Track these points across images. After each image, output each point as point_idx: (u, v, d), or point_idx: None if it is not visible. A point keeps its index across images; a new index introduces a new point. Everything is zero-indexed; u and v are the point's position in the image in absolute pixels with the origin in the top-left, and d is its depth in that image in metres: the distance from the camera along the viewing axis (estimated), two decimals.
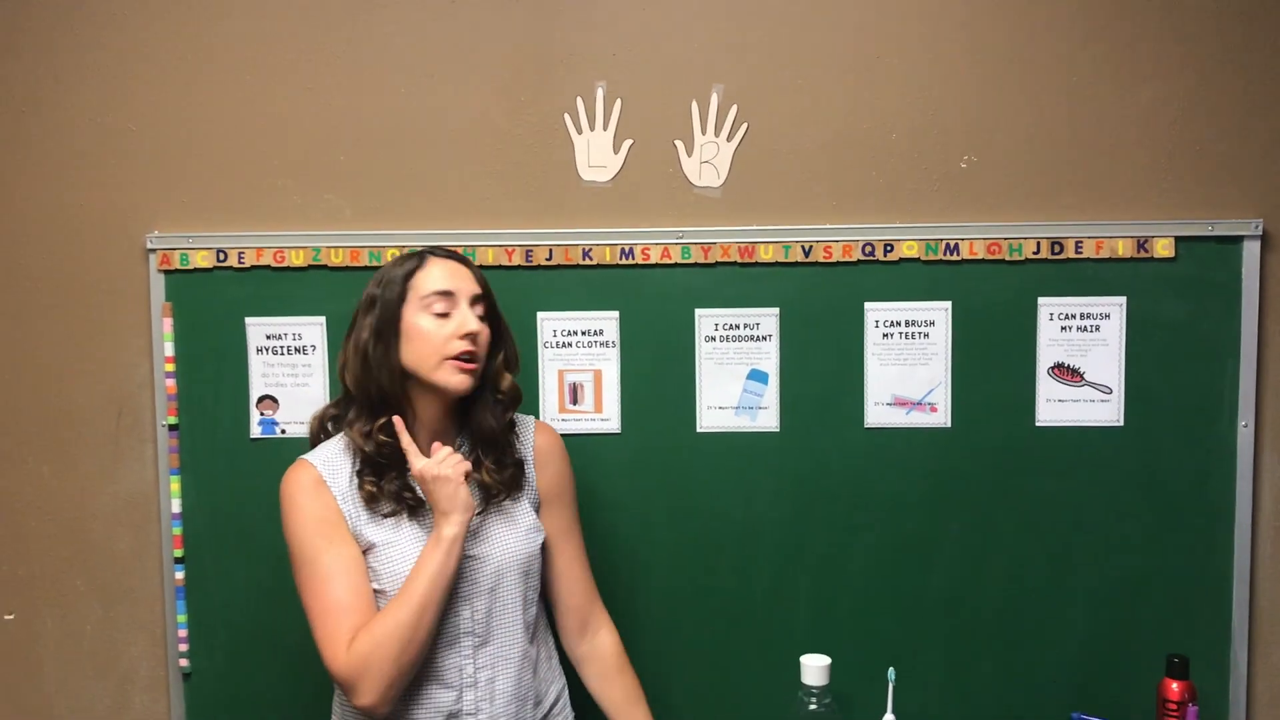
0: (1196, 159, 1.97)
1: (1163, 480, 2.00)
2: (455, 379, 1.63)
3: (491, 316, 1.69)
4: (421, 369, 1.63)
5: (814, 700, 1.83)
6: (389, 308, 1.64)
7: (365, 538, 1.64)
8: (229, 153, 2.06)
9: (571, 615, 1.80)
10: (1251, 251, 1.96)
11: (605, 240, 2.01)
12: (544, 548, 1.75)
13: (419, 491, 1.65)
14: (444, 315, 1.63)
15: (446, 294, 1.63)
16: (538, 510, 1.76)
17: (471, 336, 1.63)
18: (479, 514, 1.66)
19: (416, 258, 1.68)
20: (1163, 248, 1.96)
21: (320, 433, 1.75)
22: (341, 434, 1.70)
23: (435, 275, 1.65)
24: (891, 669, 1.88)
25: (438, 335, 1.62)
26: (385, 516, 1.65)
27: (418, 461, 1.60)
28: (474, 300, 1.66)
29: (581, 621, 1.80)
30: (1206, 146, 1.97)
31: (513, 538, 1.69)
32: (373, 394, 1.65)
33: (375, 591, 1.63)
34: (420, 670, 1.61)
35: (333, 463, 1.68)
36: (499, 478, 1.69)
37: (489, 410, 1.70)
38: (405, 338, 1.64)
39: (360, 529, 1.64)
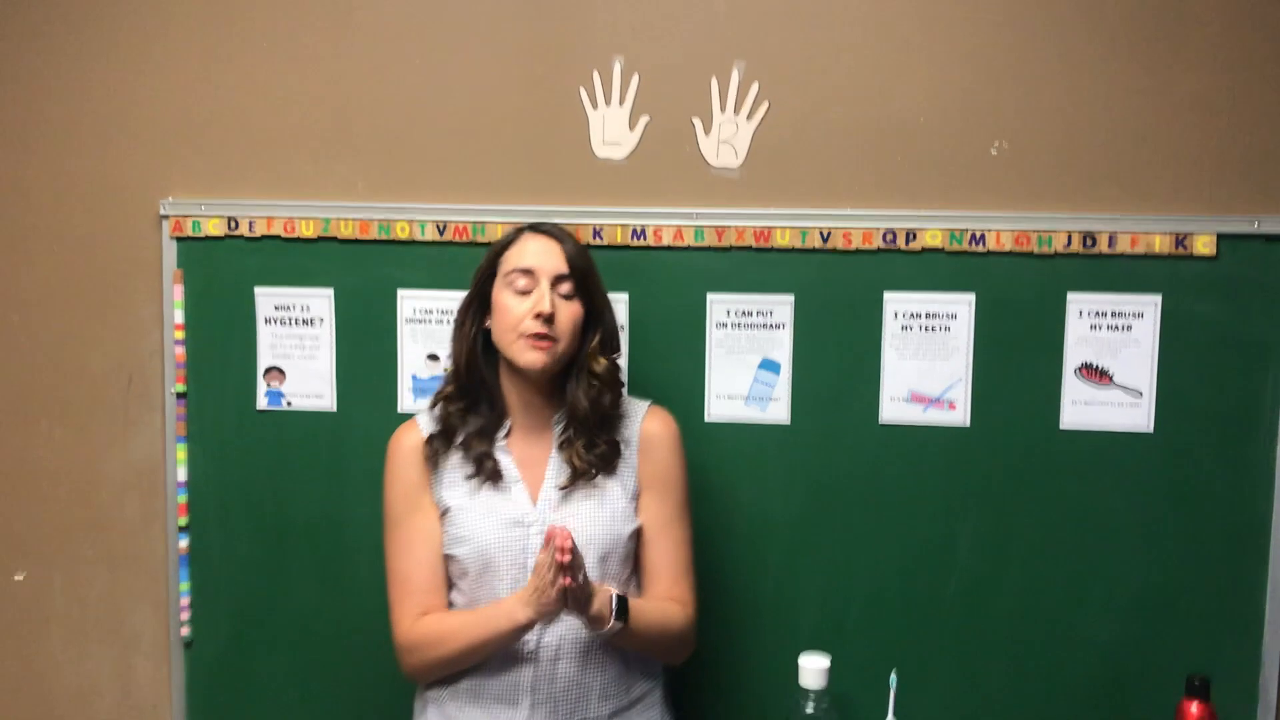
0: (1242, 151, 1.86)
1: (1193, 493, 1.89)
2: (526, 356, 1.63)
3: (585, 295, 1.68)
4: (501, 344, 1.66)
5: (812, 703, 1.76)
6: (479, 282, 1.70)
7: (445, 501, 1.69)
8: (244, 121, 2.04)
9: None
10: None
11: (617, 220, 1.96)
12: (639, 538, 1.72)
13: (499, 460, 1.69)
14: (525, 293, 1.64)
15: (527, 271, 1.64)
16: (637, 498, 1.73)
17: (544, 317, 1.61)
18: (563, 489, 1.67)
19: (515, 233, 1.70)
20: (1203, 245, 1.85)
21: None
22: None
23: (521, 252, 1.66)
24: (893, 673, 1.80)
25: (514, 312, 1.63)
26: (467, 479, 1.69)
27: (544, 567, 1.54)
28: (558, 279, 1.65)
29: None
30: (1253, 139, 1.85)
31: (594, 520, 1.67)
32: (460, 366, 1.70)
33: (450, 556, 1.68)
34: None
35: (435, 418, 1.73)
36: (586, 459, 1.68)
37: (582, 391, 1.68)
38: (494, 313, 1.67)
39: (442, 492, 1.69)
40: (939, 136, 1.92)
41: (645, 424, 1.76)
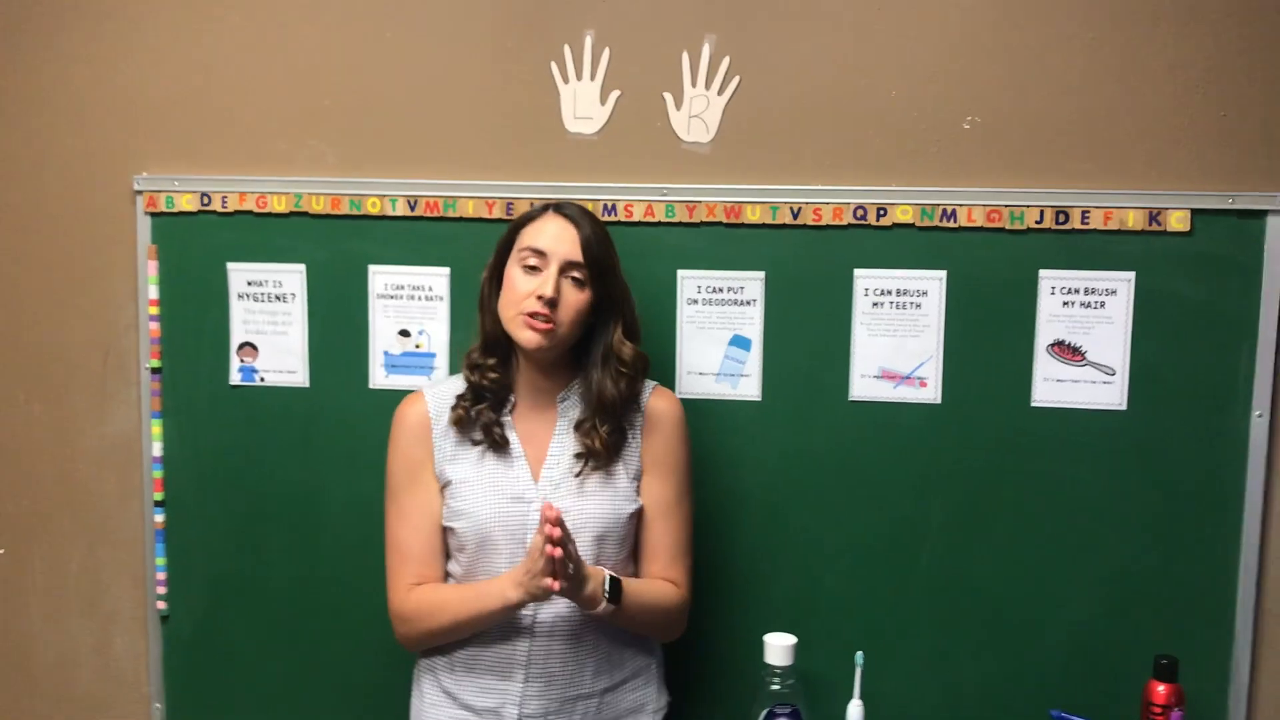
0: (1218, 126, 1.83)
1: (1166, 470, 1.88)
2: (523, 334, 1.64)
3: (597, 283, 1.67)
4: (503, 319, 1.67)
5: (777, 680, 1.76)
6: (499, 254, 1.71)
7: (446, 474, 1.70)
8: (216, 97, 2.04)
9: None
10: (1275, 228, 1.81)
11: (587, 195, 1.94)
12: (639, 518, 1.73)
13: (507, 431, 1.70)
14: (534, 270, 1.65)
15: (539, 252, 1.64)
16: (639, 478, 1.73)
17: (544, 300, 1.61)
18: (577, 475, 1.68)
19: (540, 210, 1.70)
20: (1177, 221, 1.83)
21: None
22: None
23: (539, 231, 1.67)
24: (859, 653, 1.80)
25: (519, 290, 1.64)
26: (474, 445, 1.69)
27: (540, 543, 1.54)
28: (568, 266, 1.65)
29: None
30: (1229, 113, 1.82)
31: (596, 499, 1.68)
32: (486, 333, 1.71)
33: (449, 529, 1.69)
34: None
35: (444, 396, 1.74)
36: (608, 444, 1.69)
37: (611, 380, 1.69)
38: (502, 287, 1.68)
39: (444, 466, 1.70)
40: (911, 111, 1.89)
41: (651, 403, 1.76)
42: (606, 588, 1.60)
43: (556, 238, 1.66)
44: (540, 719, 1.66)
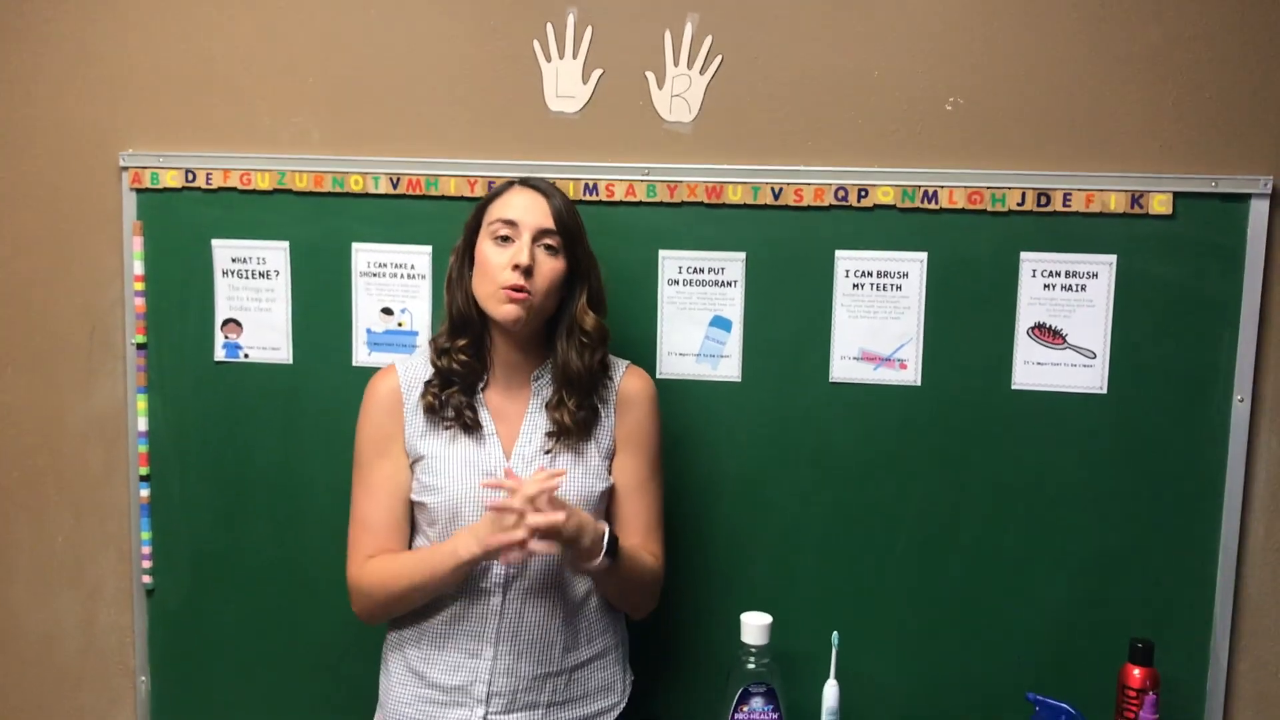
0: (1202, 109, 1.82)
1: (1146, 454, 1.87)
2: (502, 309, 1.63)
3: (569, 252, 1.67)
4: (480, 297, 1.66)
5: (753, 659, 1.77)
6: (468, 232, 1.70)
7: (417, 450, 1.69)
8: (201, 73, 2.04)
9: None
10: (1259, 211, 1.80)
11: (569, 174, 1.94)
12: (612, 495, 1.73)
13: (479, 413, 1.69)
14: (506, 242, 1.64)
15: (510, 222, 1.64)
16: (611, 456, 1.73)
17: (520, 268, 1.61)
18: (548, 453, 1.68)
19: (505, 185, 1.70)
20: (1159, 204, 1.82)
21: None
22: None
23: (506, 203, 1.66)
24: (835, 633, 1.81)
25: (494, 262, 1.63)
26: (445, 428, 1.69)
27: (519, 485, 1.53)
28: (540, 234, 1.64)
29: None
30: (1213, 96, 1.81)
31: (569, 477, 1.67)
32: (454, 314, 1.70)
33: (418, 504, 1.69)
34: (460, 589, 1.66)
35: (415, 371, 1.74)
36: (577, 420, 1.68)
37: (575, 350, 1.68)
38: (475, 263, 1.67)
39: (415, 441, 1.70)
40: (893, 92, 1.88)
41: (625, 382, 1.76)
42: (605, 543, 1.60)
43: (526, 208, 1.65)
44: (509, 696, 1.66)
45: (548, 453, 1.68)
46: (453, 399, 1.69)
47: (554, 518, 1.50)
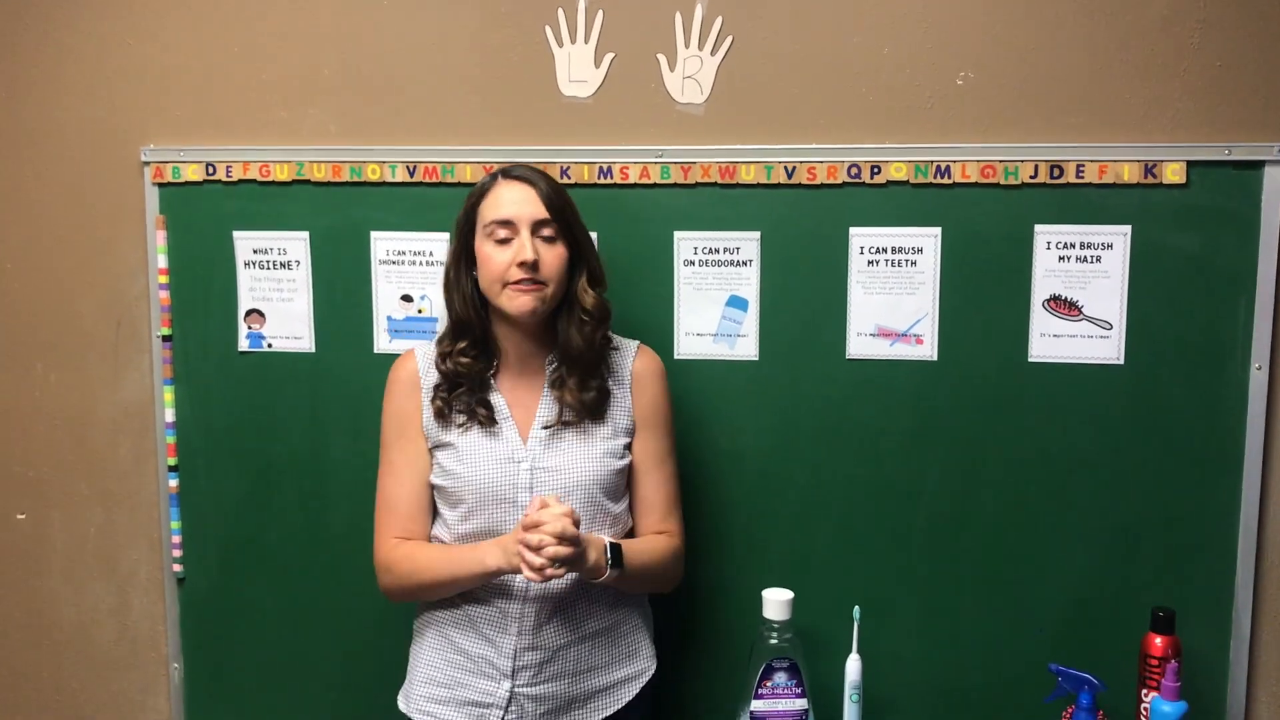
0: (1213, 77, 1.81)
1: (1164, 424, 1.87)
2: (516, 303, 1.65)
3: (567, 235, 1.69)
4: (489, 295, 1.69)
5: (775, 635, 1.79)
6: (463, 234, 1.72)
7: (436, 436, 1.73)
8: (220, 66, 2.07)
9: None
10: (1273, 178, 1.79)
11: (583, 158, 1.96)
12: (631, 473, 1.76)
13: (493, 409, 1.72)
14: (506, 241, 1.66)
15: (505, 223, 1.65)
16: (630, 434, 1.76)
17: (527, 265, 1.63)
18: (549, 428, 1.71)
19: (490, 180, 1.71)
20: (1173, 173, 1.82)
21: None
22: None
23: (497, 202, 1.67)
24: (857, 608, 1.82)
25: (498, 262, 1.65)
26: (458, 426, 1.71)
27: (543, 519, 1.56)
28: (537, 225, 1.66)
29: None
30: (1224, 63, 1.80)
31: (586, 457, 1.71)
32: (455, 317, 1.73)
33: (438, 487, 1.73)
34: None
35: (433, 357, 1.76)
36: (579, 398, 1.70)
37: (575, 328, 1.71)
38: (478, 265, 1.69)
39: (431, 427, 1.73)
40: (904, 68, 1.89)
41: (638, 362, 1.78)
42: (609, 555, 1.63)
43: (517, 202, 1.66)
44: (536, 668, 1.69)
45: (545, 427, 1.70)
46: (459, 399, 1.72)
47: (562, 551, 1.54)
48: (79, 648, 2.25)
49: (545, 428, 1.70)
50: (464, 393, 1.72)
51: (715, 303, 1.97)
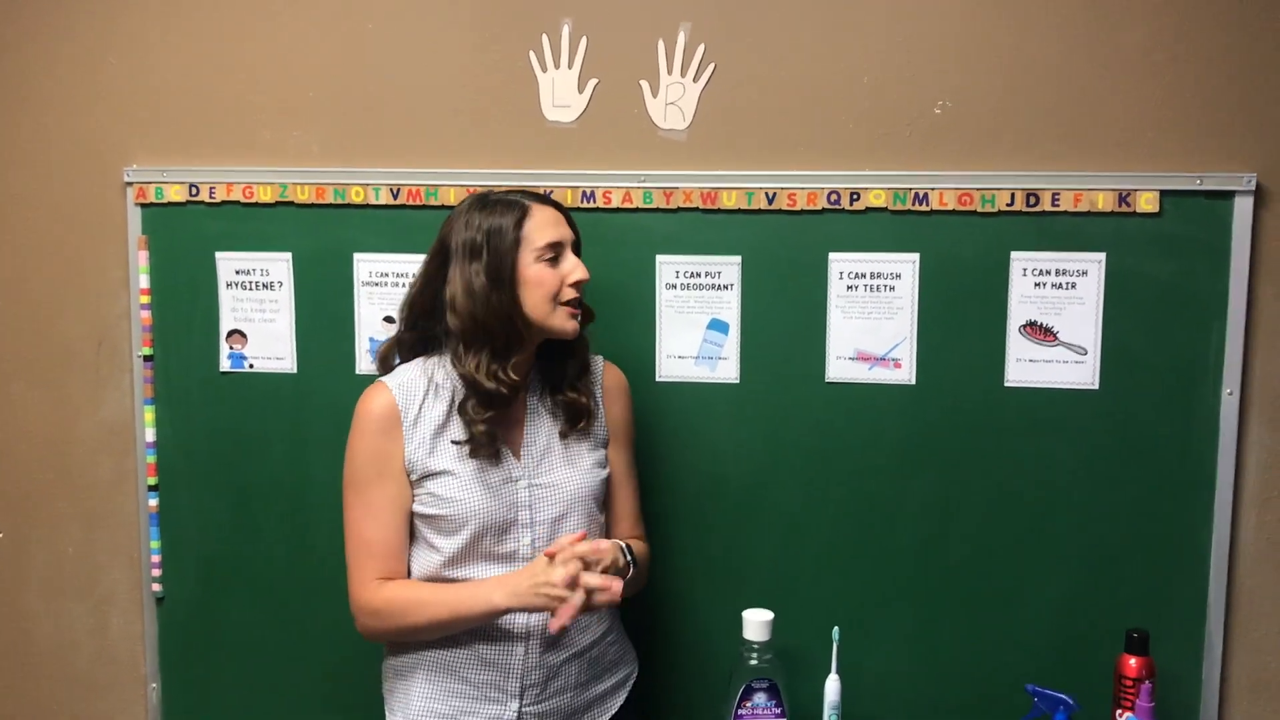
0: (1186, 108, 1.85)
1: (1138, 448, 1.90)
2: (570, 324, 1.69)
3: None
4: (536, 315, 1.67)
5: (755, 655, 1.80)
6: (503, 255, 1.65)
7: (428, 466, 1.68)
8: (204, 87, 2.07)
9: None
10: (1243, 208, 1.83)
11: (566, 182, 1.98)
12: (609, 483, 1.81)
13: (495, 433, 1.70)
14: (554, 262, 1.68)
15: (557, 245, 1.68)
16: (605, 446, 1.80)
17: (582, 284, 1.69)
18: (551, 450, 1.73)
19: (518, 207, 1.68)
20: (1146, 202, 1.85)
21: (389, 358, 1.79)
22: (420, 359, 1.74)
23: (545, 225, 1.68)
24: (836, 629, 1.84)
25: (552, 283, 1.67)
26: (462, 444, 1.68)
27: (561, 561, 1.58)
28: (575, 247, 1.72)
29: None
30: (1197, 95, 1.84)
31: (578, 471, 1.74)
32: (496, 335, 1.66)
33: (428, 517, 1.68)
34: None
35: (408, 388, 1.71)
36: (571, 415, 1.74)
37: (569, 354, 1.75)
38: (523, 285, 1.66)
39: (423, 458, 1.68)
40: (883, 96, 1.92)
41: (607, 377, 1.83)
42: (627, 557, 1.69)
43: (561, 225, 1.70)
44: (541, 685, 1.70)
45: (550, 449, 1.73)
46: (477, 423, 1.67)
47: (606, 581, 1.57)
48: (56, 668, 2.24)
49: (546, 450, 1.73)
50: (495, 415, 1.67)
51: (697, 326, 1.99)
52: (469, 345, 1.67)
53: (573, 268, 1.69)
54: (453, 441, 1.68)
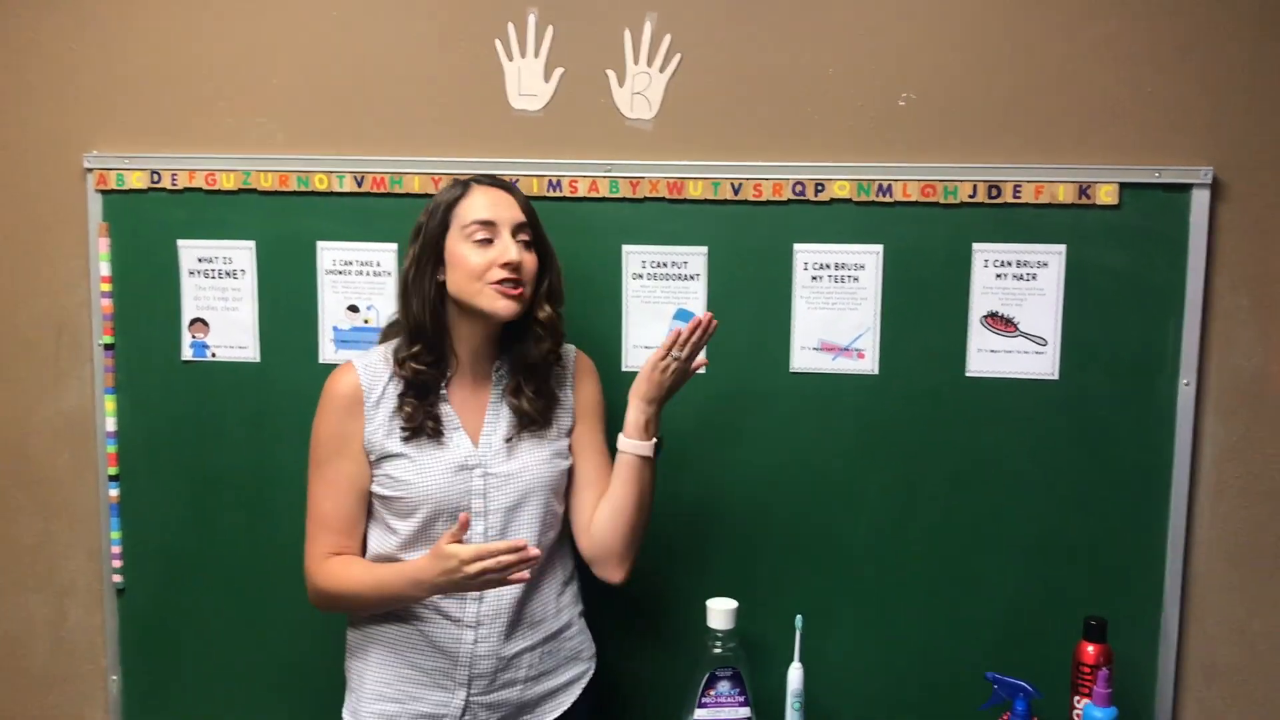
0: (1144, 102, 1.88)
1: (1097, 437, 1.93)
2: (499, 304, 1.66)
3: (539, 245, 1.72)
4: (464, 295, 1.67)
5: (719, 644, 1.81)
6: (431, 236, 1.69)
7: (385, 448, 1.70)
8: (166, 74, 2.06)
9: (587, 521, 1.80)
10: (1200, 201, 1.86)
11: (532, 171, 1.98)
12: (573, 465, 1.80)
13: (441, 419, 1.71)
14: (487, 243, 1.66)
15: (488, 223, 1.66)
16: (570, 433, 1.80)
17: (512, 265, 1.65)
18: (508, 441, 1.73)
19: (461, 186, 1.71)
20: (1106, 194, 1.88)
21: (387, 337, 1.83)
22: (393, 341, 1.77)
23: (477, 204, 1.68)
24: (799, 617, 1.85)
25: (479, 263, 1.65)
26: (412, 432, 1.70)
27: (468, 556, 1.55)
28: (516, 229, 1.69)
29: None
30: (1155, 89, 1.87)
31: (536, 460, 1.73)
32: (412, 321, 1.70)
33: (385, 498, 1.71)
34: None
35: (374, 369, 1.74)
36: (535, 406, 1.73)
37: (532, 340, 1.73)
38: (449, 266, 1.68)
39: (382, 440, 1.70)
40: (848, 89, 1.93)
41: (578, 363, 1.84)
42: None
43: (499, 205, 1.68)
44: (490, 676, 1.70)
45: (508, 440, 1.73)
46: (429, 407, 1.71)
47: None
48: (13, 661, 2.21)
49: (507, 440, 1.72)
50: (430, 401, 1.71)
51: (663, 316, 2.00)
52: (406, 332, 1.72)
53: (504, 248, 1.66)
54: (400, 426, 1.70)
